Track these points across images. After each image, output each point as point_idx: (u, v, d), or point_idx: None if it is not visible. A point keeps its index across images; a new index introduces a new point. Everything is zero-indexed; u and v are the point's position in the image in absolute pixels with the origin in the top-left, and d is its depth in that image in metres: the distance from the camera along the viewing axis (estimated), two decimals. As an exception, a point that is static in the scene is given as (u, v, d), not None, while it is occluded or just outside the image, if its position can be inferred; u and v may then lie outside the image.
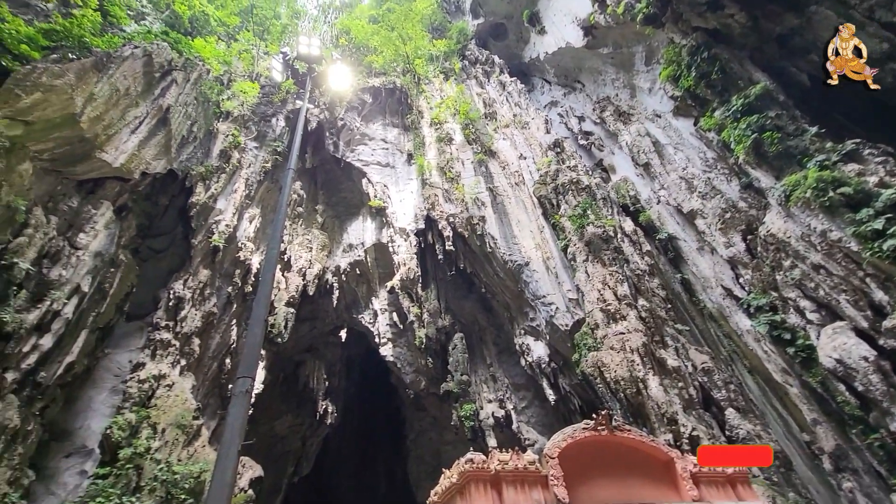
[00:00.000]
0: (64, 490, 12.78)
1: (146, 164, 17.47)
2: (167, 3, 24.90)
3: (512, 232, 20.71)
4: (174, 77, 19.43)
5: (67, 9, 18.79)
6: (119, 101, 16.56)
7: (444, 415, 20.77)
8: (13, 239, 12.90)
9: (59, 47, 15.87)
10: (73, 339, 13.92)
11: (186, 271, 17.85)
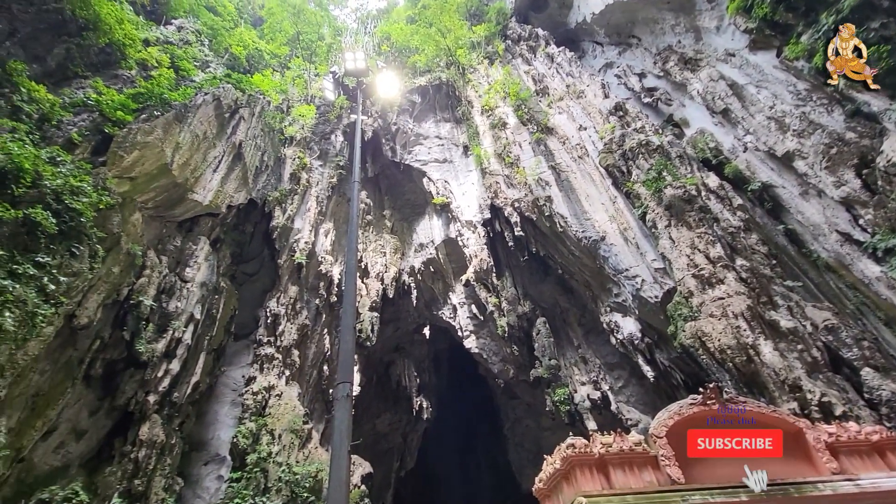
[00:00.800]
0: (207, 493, 14.50)
1: (230, 197, 19.14)
2: (225, 47, 27.03)
3: (582, 208, 19.83)
4: (241, 114, 21.06)
5: (147, 72, 21.11)
6: (200, 145, 18.28)
7: (538, 401, 20.53)
8: (136, 280, 14.79)
9: (146, 107, 17.85)
10: (195, 362, 15.69)
11: (277, 289, 19.34)
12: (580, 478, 11.24)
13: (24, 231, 11.40)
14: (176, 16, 27.39)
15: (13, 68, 15.54)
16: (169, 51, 23.39)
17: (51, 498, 11.02)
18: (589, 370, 19.26)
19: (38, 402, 11.51)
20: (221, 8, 30.99)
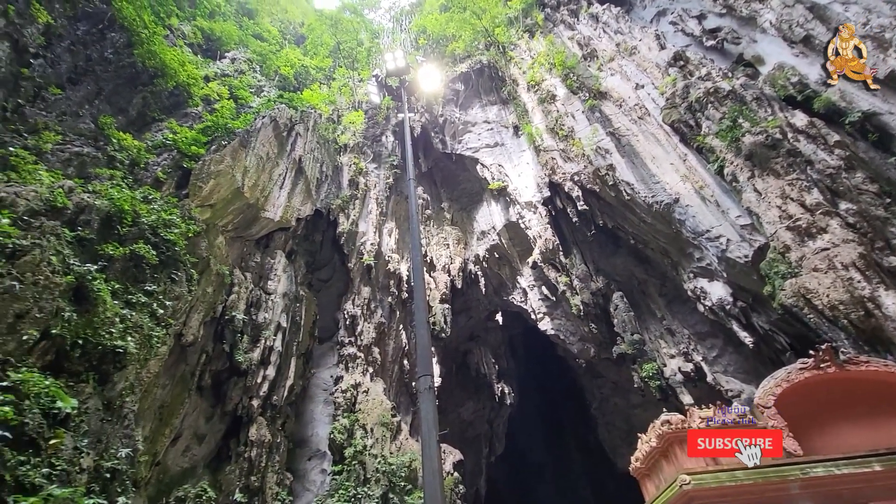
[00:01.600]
0: (314, 486, 15.62)
1: (297, 210, 20.26)
2: (275, 70, 28.48)
3: (648, 171, 18.55)
4: (297, 130, 22.14)
5: (210, 105, 22.80)
6: (265, 166, 19.48)
7: (624, 378, 19.72)
8: (227, 297, 16.16)
9: (214, 138, 19.32)
10: (287, 367, 16.90)
11: (351, 292, 20.24)
12: (681, 455, 10.66)
13: (132, 265, 12.86)
14: (228, 49, 29.30)
15: (104, 123, 17.49)
16: (227, 82, 25.12)
17: (185, 496, 12.46)
18: (677, 342, 18.10)
19: (163, 412, 13.02)
20: (266, 34, 32.70)
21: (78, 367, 10.02)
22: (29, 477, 7.52)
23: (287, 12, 36.80)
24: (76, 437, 9.07)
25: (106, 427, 10.19)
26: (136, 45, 20.63)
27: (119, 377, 10.86)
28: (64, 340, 9.78)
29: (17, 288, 8.99)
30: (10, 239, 9.53)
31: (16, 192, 11.11)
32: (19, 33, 16.22)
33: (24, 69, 16.31)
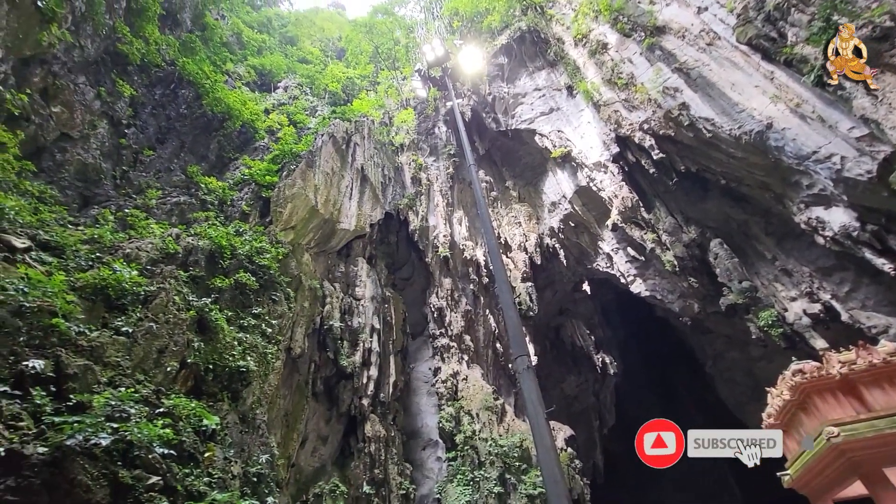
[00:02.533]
0: (432, 473, 16.30)
1: (368, 217, 21.05)
2: (323, 88, 29.69)
3: (729, 101, 16.56)
4: (354, 141, 22.92)
5: (274, 135, 24.36)
6: (332, 181, 20.44)
7: (738, 330, 18.03)
8: (323, 308, 17.27)
9: (283, 165, 20.63)
10: (387, 365, 17.73)
11: (433, 285, 20.67)
12: (822, 405, 9.54)
13: (238, 292, 14.22)
14: (279, 79, 31.10)
15: (191, 171, 19.43)
16: (284, 110, 26.69)
17: (321, 492, 13.63)
18: (796, 282, 16.10)
19: (288, 419, 14.32)
20: (310, 56, 34.19)
21: (213, 389, 11.32)
22: (195, 485, 8.66)
23: (324, 31, 38.15)
24: (224, 448, 10.27)
25: (245, 437, 11.43)
26: (204, 96, 22.61)
27: (247, 393, 12.11)
28: (198, 367, 11.09)
29: (154, 328, 10.33)
30: (141, 287, 10.95)
31: (137, 247, 12.75)
32: (112, 109, 18.50)
33: (121, 139, 18.59)
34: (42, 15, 14.67)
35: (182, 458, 8.76)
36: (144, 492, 7.42)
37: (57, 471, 6.49)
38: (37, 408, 7.02)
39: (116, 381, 8.76)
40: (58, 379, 7.71)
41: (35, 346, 7.79)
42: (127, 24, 19.85)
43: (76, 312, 8.92)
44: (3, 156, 12.65)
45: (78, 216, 14.54)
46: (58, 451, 6.53)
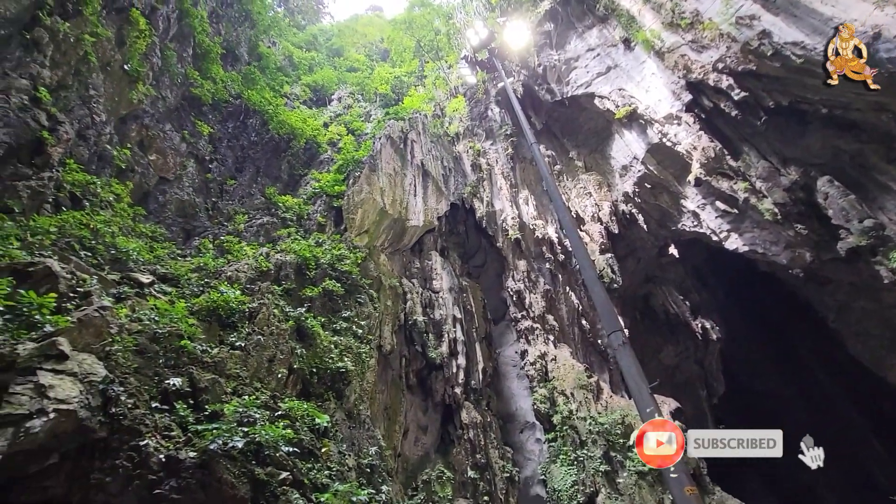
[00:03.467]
0: (533, 455, 16.29)
1: (434, 210, 21.31)
2: (373, 91, 30.38)
3: (821, 16, 14.33)
4: (410, 138, 23.26)
5: (335, 146, 25.42)
6: (395, 181, 20.94)
7: (865, 276, 15.79)
8: (405, 305, 17.85)
9: (348, 173, 21.48)
10: (474, 353, 17.94)
11: (508, 269, 20.50)
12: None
13: (327, 299, 15.13)
14: (332, 91, 32.36)
15: (269, 193, 20.91)
16: (341, 121, 27.77)
17: (428, 478, 14.20)
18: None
19: (389, 412, 15.06)
20: (357, 63, 35.16)
21: (319, 390, 12.19)
22: (318, 478, 9.42)
23: (366, 36, 38.98)
24: (337, 443, 11.05)
25: (353, 432, 12.20)
26: (269, 121, 24.17)
27: (349, 391, 12.89)
28: (303, 371, 12.00)
29: (262, 340, 11.32)
30: (245, 304, 12.03)
31: (236, 269, 14.02)
32: (196, 149, 20.39)
33: (207, 174, 20.45)
34: (129, 76, 16.50)
35: (303, 455, 9.56)
36: (278, 486, 8.20)
37: (206, 472, 7.37)
38: (181, 419, 8.00)
39: (239, 391, 9.73)
40: (193, 393, 8.73)
41: (171, 366, 8.87)
42: (196, 69, 21.73)
43: (198, 333, 10.01)
44: (119, 205, 14.49)
45: (183, 248, 16.30)
46: (204, 454, 7.40)
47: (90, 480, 6.45)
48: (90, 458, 6.52)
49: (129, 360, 8.05)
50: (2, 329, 6.35)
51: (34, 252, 9.46)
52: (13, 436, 5.43)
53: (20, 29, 12.60)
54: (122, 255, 12.19)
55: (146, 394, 7.87)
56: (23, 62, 12.41)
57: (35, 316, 6.92)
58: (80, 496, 6.43)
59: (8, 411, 5.54)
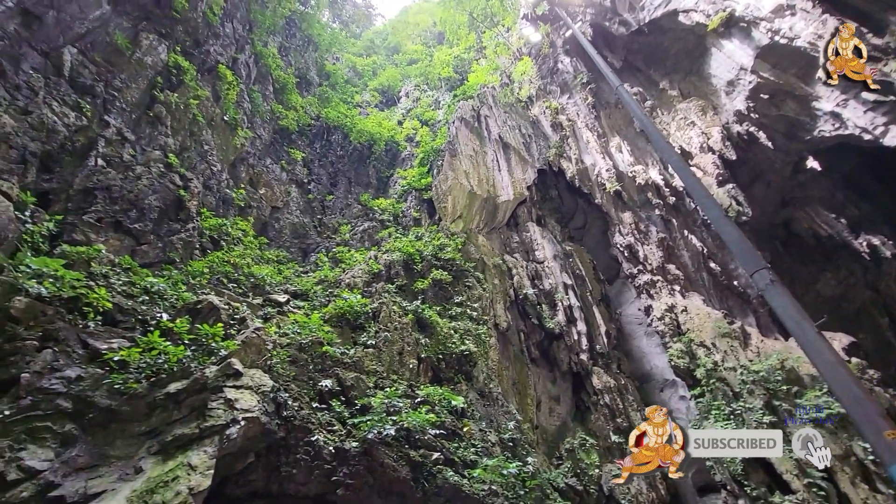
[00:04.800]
0: (680, 413, 15.25)
1: (522, 181, 20.74)
2: (437, 77, 30.34)
3: None
4: (482, 114, 22.84)
5: (413, 140, 25.93)
6: (477, 160, 20.79)
7: None
8: (512, 281, 17.74)
9: (431, 164, 21.83)
10: (593, 316, 17.26)
11: (613, 225, 19.23)
12: None
13: (437, 289, 15.65)
14: (398, 89, 33.05)
15: (364, 199, 22.14)
16: (412, 114, 28.28)
17: (570, 447, 14.09)
18: None
19: (518, 387, 15.21)
20: (416, 54, 35.40)
21: (449, 374, 12.73)
22: (466, 456, 9.88)
23: (419, 25, 38.99)
24: (475, 422, 11.47)
25: (489, 410, 12.55)
26: (349, 133, 25.51)
27: (477, 372, 13.27)
28: (431, 359, 12.61)
29: (388, 336, 12.12)
30: (367, 306, 12.95)
31: (352, 276, 15.15)
32: (294, 175, 22.29)
33: (308, 195, 22.27)
34: (229, 125, 18.54)
35: (448, 436, 10.09)
36: (432, 466, 8.78)
37: (369, 458, 8.15)
38: (338, 415, 8.93)
39: (379, 384, 10.57)
40: (342, 391, 9.68)
41: (320, 370, 9.93)
42: (279, 103, 23.69)
43: (334, 339, 11.04)
44: (246, 239, 16.48)
45: (304, 265, 18.05)
46: (364, 443, 8.19)
47: (281, 473, 7.52)
48: (277, 454, 7.59)
49: (287, 370, 9.16)
50: (192, 358, 7.62)
51: (197, 292, 11.19)
52: (219, 442, 6.52)
53: (144, 109, 14.84)
54: (259, 281, 13.88)
55: (306, 396, 8.91)
56: (152, 136, 14.63)
57: (211, 344, 8.18)
58: (276, 486, 7.53)
59: (211, 423, 6.65)
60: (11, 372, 6.38)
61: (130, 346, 7.51)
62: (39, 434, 5.79)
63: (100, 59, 13.60)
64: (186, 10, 16.95)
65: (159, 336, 7.65)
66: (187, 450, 6.30)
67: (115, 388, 6.70)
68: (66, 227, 10.60)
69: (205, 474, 6.06)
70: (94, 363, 7.07)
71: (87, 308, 7.88)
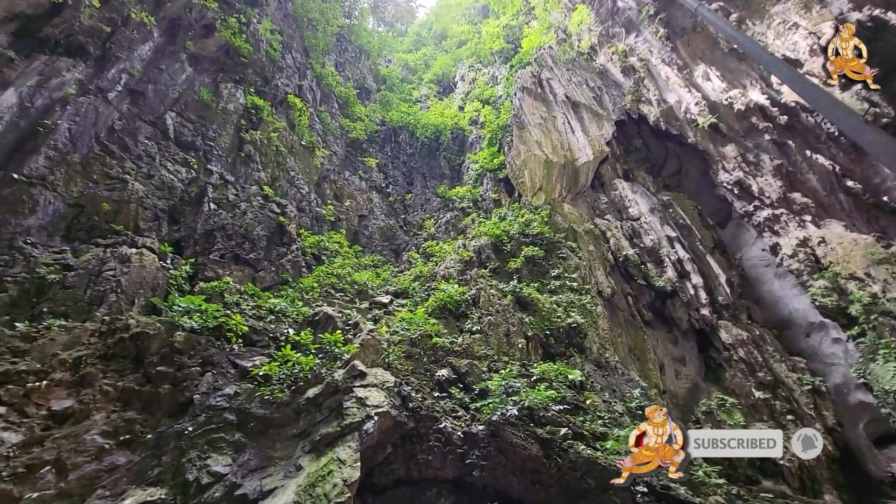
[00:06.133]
0: (835, 358, 13.27)
1: (600, 137, 19.43)
2: (489, 52, 29.52)
3: None
4: (544, 76, 21.78)
5: (478, 123, 25.52)
6: (546, 125, 19.93)
7: None
8: (608, 244, 16.77)
9: (499, 142, 21.39)
10: (707, 267, 15.67)
11: (714, 162, 17.20)
12: None
13: (531, 265, 15.33)
14: (452, 74, 32.75)
15: (441, 191, 22.34)
16: (471, 97, 27.86)
17: (708, 409, 13.01)
18: None
19: (636, 353, 14.39)
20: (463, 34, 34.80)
21: (560, 349, 12.44)
22: (594, 428, 9.58)
23: (461, 4, 38.23)
24: (598, 393, 11.08)
25: (609, 380, 12.05)
26: (414, 129, 25.93)
27: (588, 343, 12.80)
28: (538, 336, 12.41)
29: (491, 319, 12.15)
30: (465, 294, 13.10)
31: (445, 267, 15.43)
32: (372, 181, 23.21)
33: (388, 198, 23.07)
34: (307, 148, 19.81)
35: (571, 410, 9.86)
36: (562, 441, 8.64)
37: (497, 439, 8.26)
38: (460, 401, 9.17)
39: (493, 367, 10.65)
40: (458, 378, 9.92)
41: (433, 361, 10.27)
42: (345, 117, 24.81)
43: (441, 330, 11.35)
44: (343, 250, 17.57)
45: (398, 265, 18.80)
46: (490, 426, 8.32)
47: (418, 460, 7.92)
48: (412, 443, 8.01)
49: (404, 365, 9.61)
50: (321, 364, 8.31)
51: (311, 305, 12.20)
52: (360, 437, 7.04)
53: (236, 151, 16.43)
54: (362, 287, 14.74)
55: (426, 387, 9.28)
56: (247, 174, 16.15)
57: (334, 350, 8.85)
58: (416, 473, 7.95)
59: (349, 421, 7.20)
60: (185, 395, 7.49)
61: (269, 361, 8.40)
62: (217, 444, 6.73)
63: (193, 116, 15.31)
64: (252, 52, 18.40)
65: (290, 349, 8.45)
66: (334, 446, 6.90)
67: (265, 398, 7.55)
68: (198, 267, 12.16)
69: (353, 466, 6.58)
70: (244, 380, 8.04)
71: (230, 333, 8.96)
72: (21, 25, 11.27)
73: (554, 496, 8.02)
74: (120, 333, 8.28)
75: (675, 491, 8.68)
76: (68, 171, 11.16)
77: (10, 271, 9.16)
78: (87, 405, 7.21)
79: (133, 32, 13.66)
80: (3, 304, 8.70)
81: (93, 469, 6.51)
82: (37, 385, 7.26)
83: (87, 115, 11.99)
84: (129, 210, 11.71)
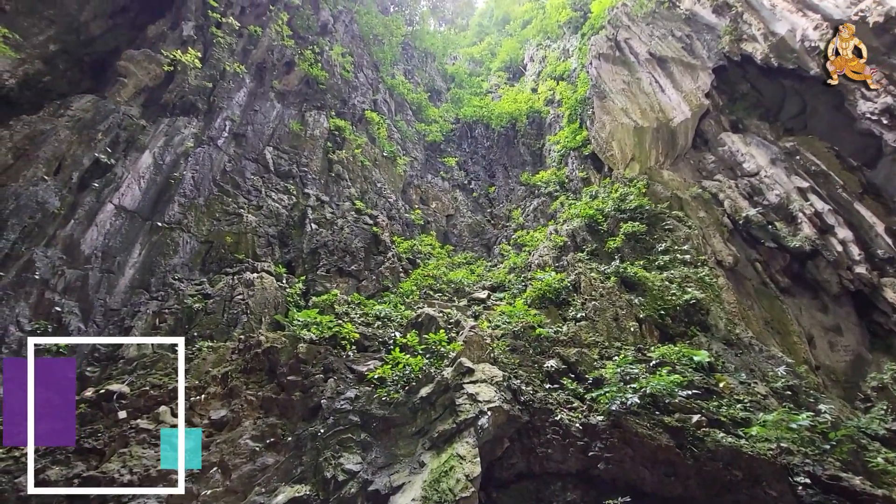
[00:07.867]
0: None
1: (696, 90, 17.39)
2: (556, 24, 28.09)
3: None
4: (620, 38, 20.15)
5: (554, 102, 24.41)
6: (632, 91, 18.41)
7: None
8: (722, 206, 14.94)
9: (581, 117, 20.18)
10: (857, 217, 13.18)
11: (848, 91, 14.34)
12: None
13: (633, 242, 14.22)
14: (520, 57, 31.78)
15: (525, 179, 21.76)
16: (545, 76, 26.73)
17: (881, 382, 10.90)
18: None
19: (773, 325, 12.58)
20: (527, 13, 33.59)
21: (679, 329, 11.33)
22: (732, 413, 8.54)
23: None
24: (732, 374, 9.87)
25: (745, 359, 10.68)
26: (489, 121, 25.60)
27: (713, 319, 11.48)
28: (652, 317, 11.44)
29: (597, 304, 11.47)
30: (564, 281, 12.54)
31: (539, 255, 14.95)
32: (454, 179, 23.34)
33: (473, 193, 23.01)
34: (389, 159, 20.54)
35: (702, 395, 8.90)
36: (695, 429, 7.82)
37: (620, 430, 7.73)
38: (573, 392, 8.76)
39: (604, 354, 10.04)
40: (568, 368, 9.50)
41: (540, 352, 9.95)
42: (420, 121, 25.34)
43: (543, 320, 10.99)
44: (435, 251, 17.91)
45: (490, 259, 18.69)
46: (610, 416, 7.81)
47: (538, 453, 7.71)
48: (529, 437, 7.83)
49: (510, 359, 9.46)
50: (430, 364, 8.52)
51: (413, 308, 12.61)
52: (475, 433, 7.05)
53: (327, 172, 17.63)
54: (458, 285, 14.89)
55: (536, 380, 9.01)
56: (339, 192, 17.24)
57: (440, 349, 9.02)
58: (537, 466, 7.74)
59: (463, 417, 7.25)
60: (314, 400, 8.16)
61: (381, 364, 8.82)
62: (347, 444, 7.21)
63: (287, 147, 16.76)
64: (328, 78, 19.63)
65: (399, 351, 8.78)
66: (452, 442, 6.99)
67: (383, 399, 7.92)
68: (309, 283, 13.26)
69: (473, 462, 6.61)
70: (362, 383, 8.53)
71: (344, 341, 9.59)
72: (147, 97, 13.29)
73: (694, 490, 7.29)
74: (254, 349, 9.32)
75: (846, 481, 7.39)
76: (196, 213, 12.90)
77: (166, 304, 10.83)
78: (237, 413, 8.22)
79: (229, 83, 15.37)
80: (165, 332, 10.31)
81: (249, 469, 7.38)
82: (197, 398, 8.45)
83: (204, 163, 13.75)
84: (247, 240, 13.18)
